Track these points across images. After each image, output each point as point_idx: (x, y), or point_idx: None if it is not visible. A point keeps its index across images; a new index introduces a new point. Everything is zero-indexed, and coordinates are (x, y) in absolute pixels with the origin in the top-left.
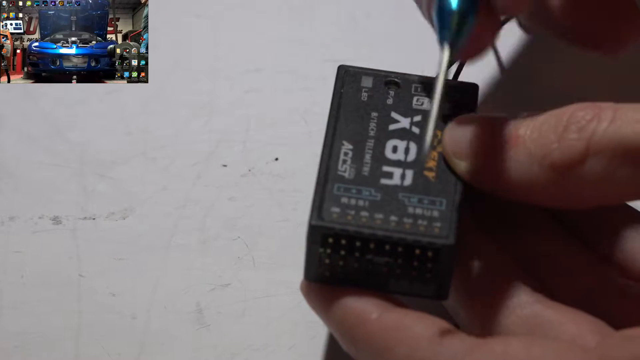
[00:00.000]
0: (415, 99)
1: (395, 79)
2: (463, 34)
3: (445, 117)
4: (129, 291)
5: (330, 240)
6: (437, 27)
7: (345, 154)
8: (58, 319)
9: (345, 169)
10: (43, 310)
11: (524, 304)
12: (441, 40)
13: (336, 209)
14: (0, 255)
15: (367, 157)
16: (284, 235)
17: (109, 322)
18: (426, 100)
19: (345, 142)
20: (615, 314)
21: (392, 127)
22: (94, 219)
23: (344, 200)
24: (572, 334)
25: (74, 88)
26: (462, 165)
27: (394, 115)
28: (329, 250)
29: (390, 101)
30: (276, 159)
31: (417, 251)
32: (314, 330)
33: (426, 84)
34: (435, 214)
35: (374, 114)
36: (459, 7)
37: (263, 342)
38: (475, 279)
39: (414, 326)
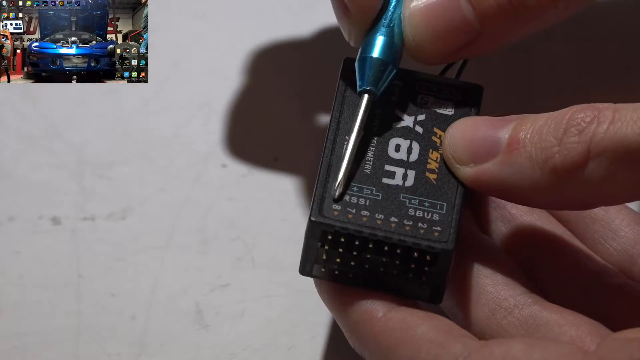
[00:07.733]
0: (419, 96)
1: (400, 75)
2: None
3: (447, 118)
4: (128, 291)
5: (330, 237)
6: (358, 75)
7: None
8: (58, 319)
9: None
10: (43, 310)
11: (522, 305)
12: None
13: (337, 206)
14: None
15: (370, 155)
16: (283, 236)
17: (109, 323)
18: (430, 98)
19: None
20: (614, 315)
21: (395, 125)
22: (93, 219)
23: (345, 197)
24: (571, 336)
25: (74, 88)
26: (462, 170)
27: (397, 112)
28: (327, 247)
29: (394, 98)
30: (276, 159)
31: (415, 254)
32: (313, 331)
33: (430, 82)
34: (436, 217)
35: (378, 111)
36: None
37: (262, 343)
38: (473, 280)
39: (417, 327)
